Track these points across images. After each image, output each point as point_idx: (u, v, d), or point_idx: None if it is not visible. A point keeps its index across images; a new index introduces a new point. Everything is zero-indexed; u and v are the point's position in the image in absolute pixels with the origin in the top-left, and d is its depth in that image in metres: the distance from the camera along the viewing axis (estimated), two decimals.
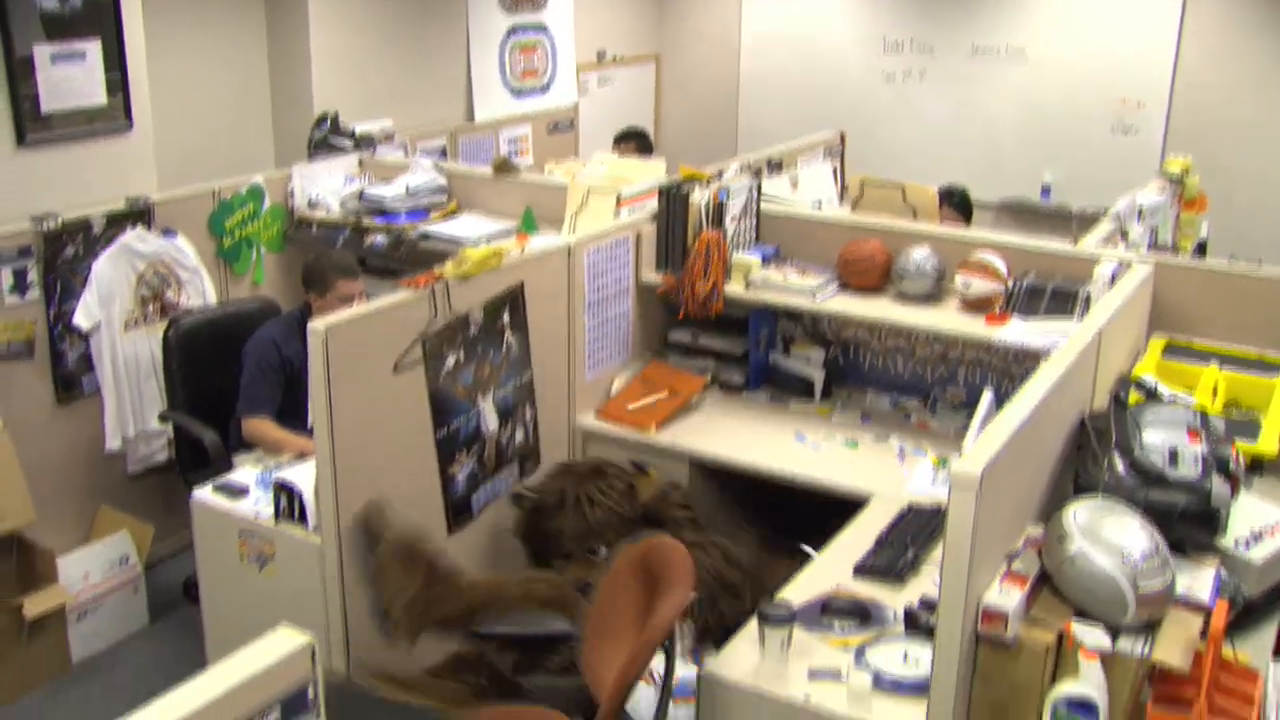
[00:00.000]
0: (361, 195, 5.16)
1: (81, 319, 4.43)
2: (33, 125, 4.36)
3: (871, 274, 4.23)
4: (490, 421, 3.74)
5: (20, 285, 4.27)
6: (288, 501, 3.43)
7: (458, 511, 3.67)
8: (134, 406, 4.64)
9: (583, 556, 3.66)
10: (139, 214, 4.60)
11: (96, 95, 4.56)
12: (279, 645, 1.66)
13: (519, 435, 3.89)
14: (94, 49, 4.52)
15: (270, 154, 6.15)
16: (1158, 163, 6.25)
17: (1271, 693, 2.57)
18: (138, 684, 4.12)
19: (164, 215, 4.69)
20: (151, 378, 4.66)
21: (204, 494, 3.66)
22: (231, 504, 3.59)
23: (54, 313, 4.39)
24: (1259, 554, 2.86)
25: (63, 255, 4.37)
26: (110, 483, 4.68)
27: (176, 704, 1.53)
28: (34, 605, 4.00)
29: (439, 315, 3.46)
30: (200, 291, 4.80)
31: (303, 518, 3.41)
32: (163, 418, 4.57)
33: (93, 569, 4.34)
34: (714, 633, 3.52)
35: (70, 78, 4.45)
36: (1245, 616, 2.83)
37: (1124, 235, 4.59)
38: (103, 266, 4.47)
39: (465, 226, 5.02)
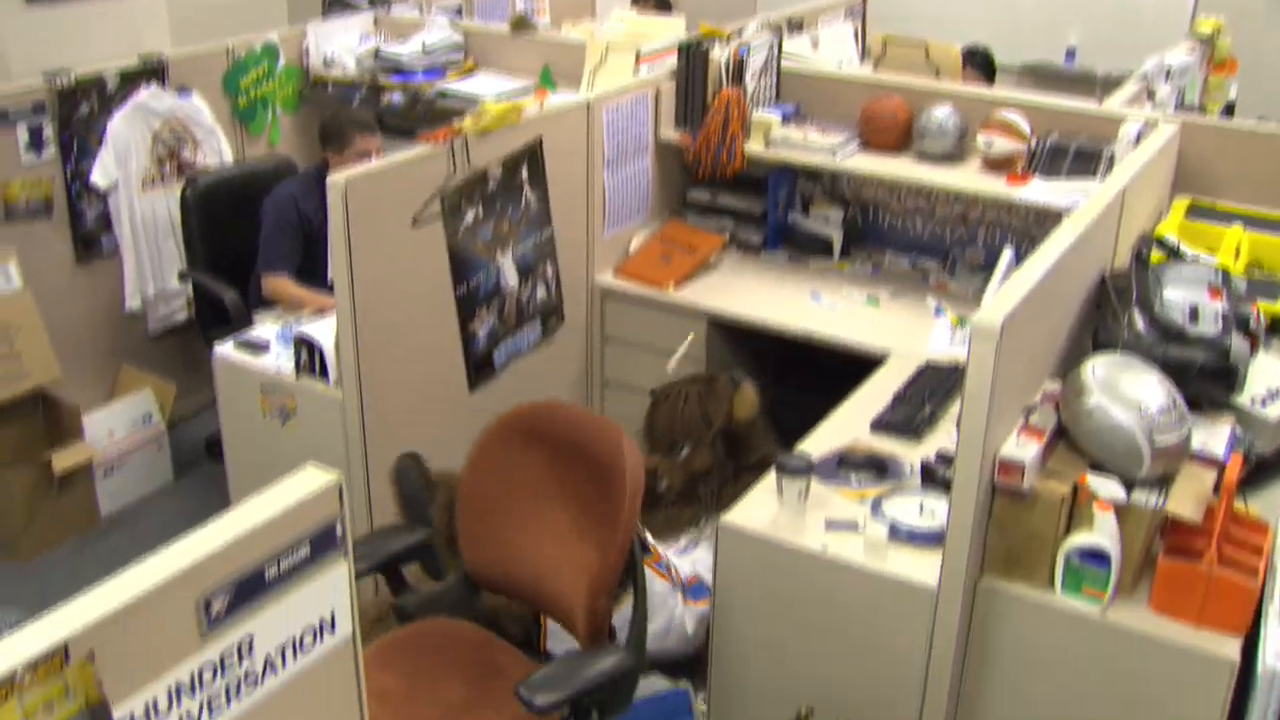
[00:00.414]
0: (377, 54, 5.09)
1: (98, 178, 4.42)
2: None
3: (893, 131, 4.18)
4: (510, 278, 3.74)
5: (36, 143, 4.25)
6: (308, 356, 3.46)
7: (479, 368, 3.69)
8: (153, 266, 4.65)
9: (665, 451, 3.75)
10: (153, 71, 4.55)
11: None
12: (307, 483, 1.68)
13: (540, 292, 3.90)
14: None
15: (284, 12, 6.05)
16: (1187, 25, 6.11)
17: None
18: (164, 537, 4.17)
19: (178, 73, 4.64)
20: (170, 237, 4.66)
21: (225, 350, 3.69)
22: (253, 359, 3.62)
23: (71, 171, 4.38)
24: (1275, 412, 2.87)
25: (78, 113, 4.34)
26: (131, 342, 4.72)
27: (207, 539, 1.56)
28: (62, 460, 4.07)
29: (458, 170, 3.44)
30: (217, 151, 4.77)
31: (324, 372, 3.44)
32: (182, 277, 4.59)
33: (117, 427, 4.39)
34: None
35: None
36: (1258, 473, 2.85)
37: (1150, 96, 4.51)
38: (118, 125, 4.44)
39: (482, 85, 4.96)
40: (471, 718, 2.65)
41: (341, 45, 5.20)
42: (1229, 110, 5.20)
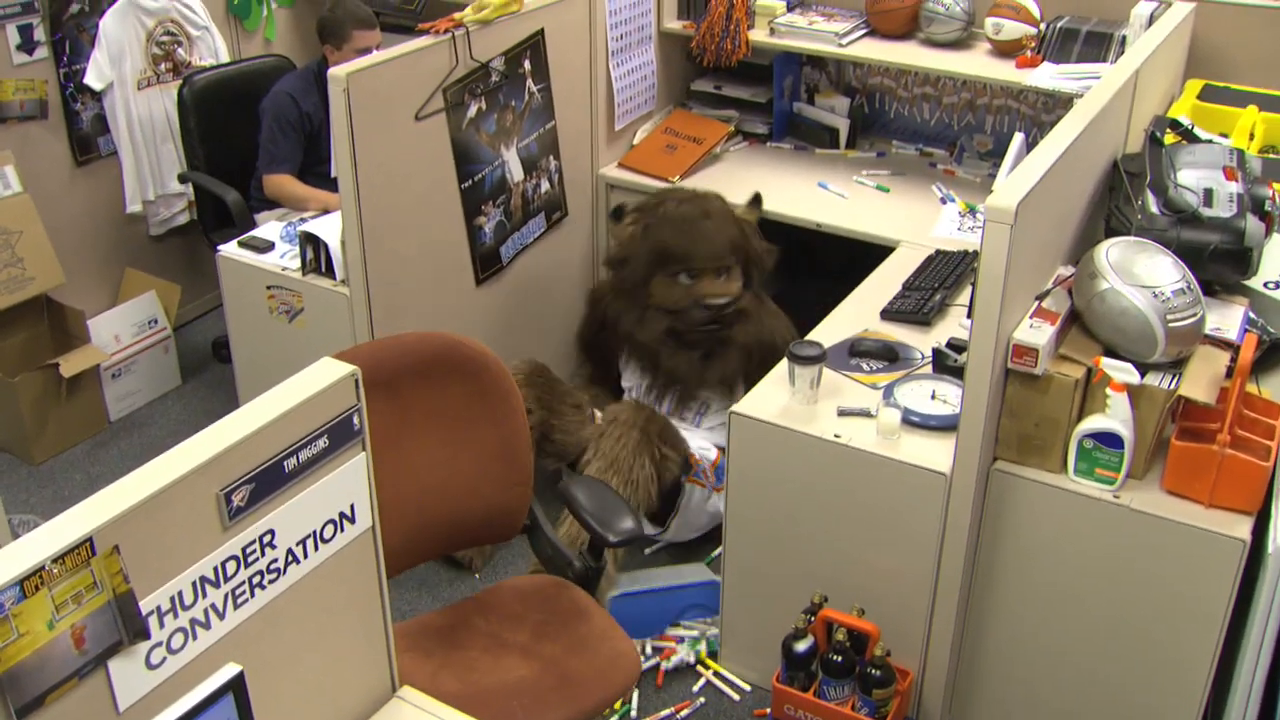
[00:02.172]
0: None
1: (93, 78, 4.35)
2: None
3: (899, 16, 4.10)
4: (515, 171, 3.71)
5: (27, 43, 4.18)
6: (314, 253, 3.44)
7: (486, 263, 3.67)
8: (152, 168, 4.60)
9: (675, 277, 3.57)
10: None
11: None
12: (324, 374, 1.67)
13: (544, 185, 3.86)
14: None
15: None
16: None
17: None
18: (175, 438, 4.17)
19: None
20: (168, 139, 4.61)
21: (230, 249, 3.66)
22: (258, 258, 3.60)
23: (64, 72, 4.30)
24: None
25: (68, 11, 4.26)
26: (134, 245, 4.69)
27: (225, 433, 1.55)
28: (70, 365, 4.06)
29: (459, 63, 3.39)
30: (212, 49, 4.69)
31: (330, 269, 3.42)
32: (182, 178, 4.54)
33: (122, 331, 4.38)
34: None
35: None
36: (1271, 355, 2.84)
37: None
38: (110, 23, 4.35)
39: None
40: None
41: None
42: None
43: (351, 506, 1.75)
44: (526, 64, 3.66)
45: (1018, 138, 3.18)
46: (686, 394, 3.66)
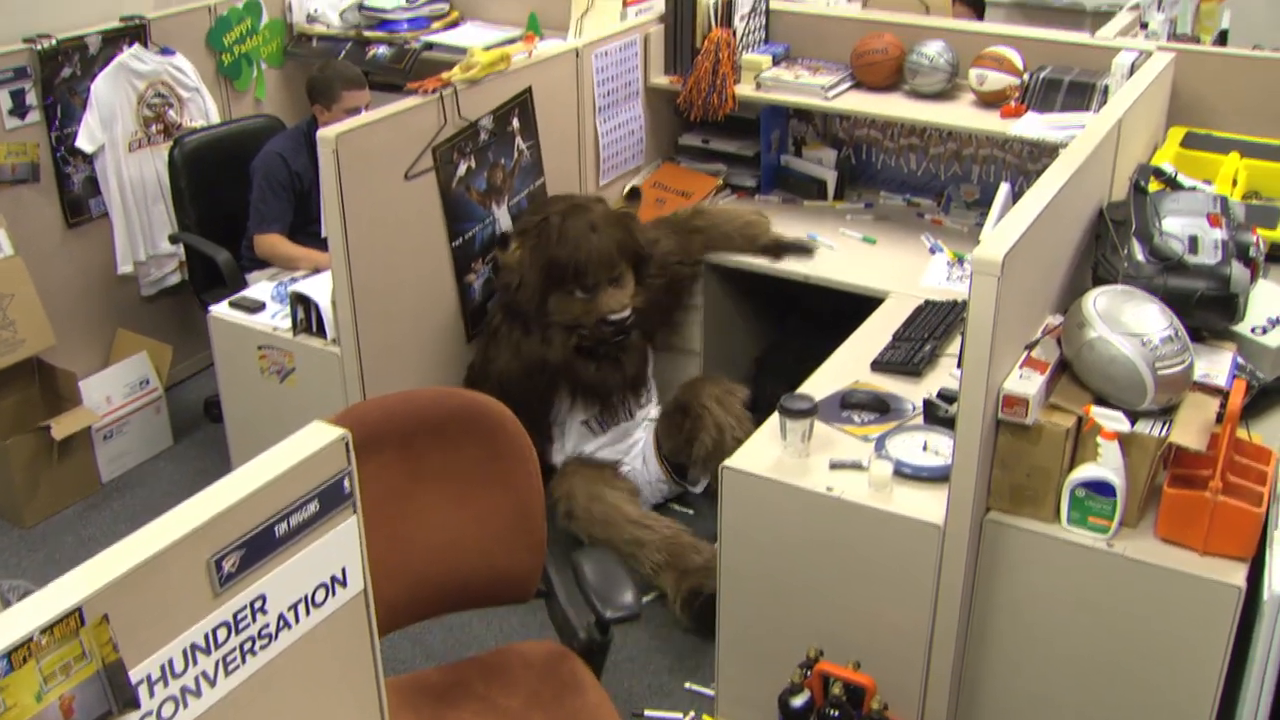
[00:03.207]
0: (361, 6, 5.04)
1: (84, 141, 4.38)
2: None
3: (885, 67, 4.14)
4: (505, 228, 3.72)
5: (19, 107, 4.20)
6: (305, 312, 3.44)
7: (477, 319, 3.68)
8: (143, 229, 4.62)
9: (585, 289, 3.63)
10: (135, 32, 4.49)
11: None
12: (314, 438, 1.67)
13: None
14: None
15: None
16: None
17: None
18: (167, 499, 4.19)
19: (160, 33, 4.58)
20: (159, 200, 4.63)
21: (221, 310, 3.67)
22: (249, 318, 3.61)
23: (56, 135, 4.33)
24: (1275, 339, 2.87)
25: (60, 76, 4.29)
26: (126, 305, 4.70)
27: (216, 498, 1.55)
28: (61, 427, 4.05)
29: (448, 122, 3.41)
30: (203, 110, 4.72)
31: (321, 329, 3.42)
32: (173, 239, 4.56)
33: (113, 392, 4.38)
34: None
35: None
36: (1261, 400, 2.85)
37: (1143, 26, 4.48)
38: (101, 87, 4.39)
39: (468, 35, 4.91)
40: None
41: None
42: (1222, 38, 5.17)
43: (343, 570, 1.74)
44: (515, 121, 3.69)
45: (1004, 188, 3.20)
46: (611, 402, 3.74)
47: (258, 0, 4.98)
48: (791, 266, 3.90)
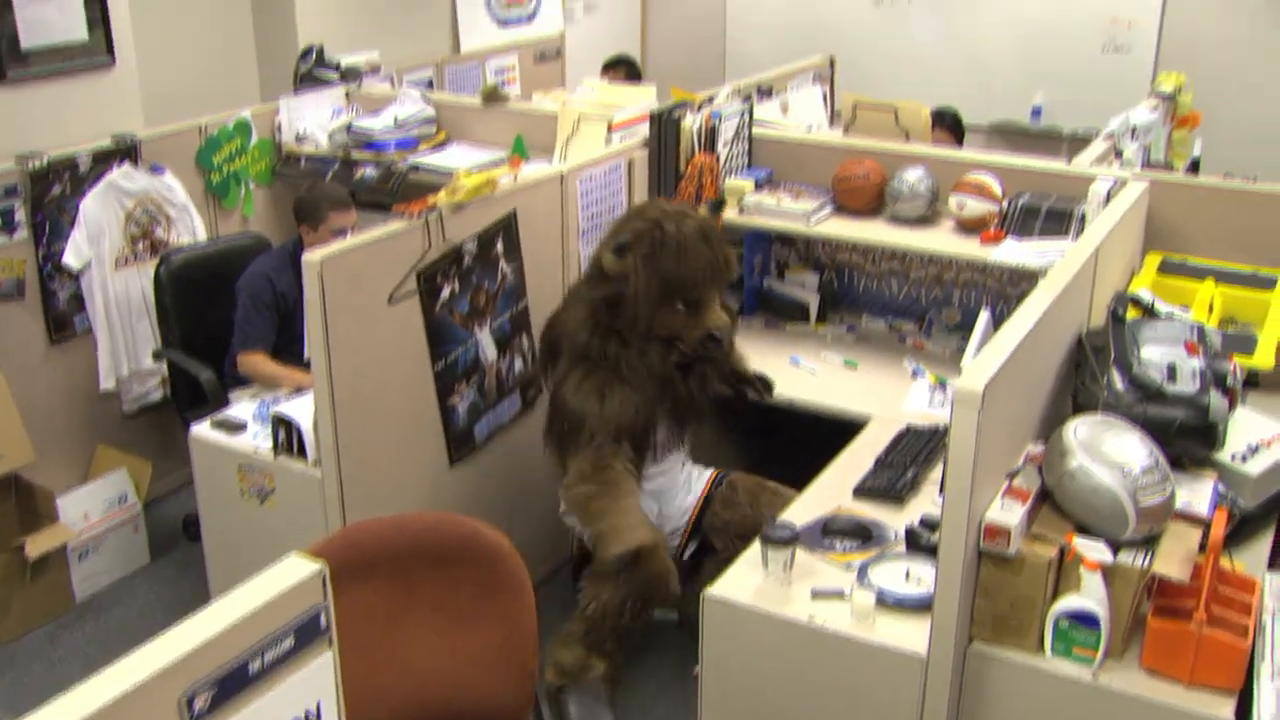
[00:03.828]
0: (349, 128, 5.11)
1: (71, 258, 4.40)
2: (13, 63, 4.29)
3: (866, 193, 4.20)
4: (489, 351, 3.74)
5: (8, 224, 4.23)
6: (286, 434, 3.43)
7: (460, 443, 3.67)
8: (127, 346, 4.62)
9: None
10: (125, 151, 4.55)
11: (77, 31, 4.49)
12: (290, 573, 1.65)
13: (518, 364, 3.89)
14: None
15: (255, 88, 6.08)
16: (1149, 83, 6.20)
17: (1269, 601, 2.59)
18: (141, 621, 4.15)
19: (150, 152, 4.64)
20: (144, 317, 4.64)
21: (202, 429, 3.66)
22: (230, 439, 3.59)
23: (43, 252, 4.35)
24: (1256, 466, 2.88)
25: (50, 194, 4.33)
26: (107, 421, 4.68)
27: (188, 634, 1.53)
28: (36, 545, 4.01)
29: (433, 245, 3.44)
30: (190, 228, 4.76)
31: (302, 451, 3.41)
32: (157, 356, 4.56)
33: (91, 508, 4.34)
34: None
35: (48, 15, 4.38)
36: (1242, 528, 2.85)
37: (1118, 154, 4.57)
38: (90, 205, 4.42)
39: (455, 157, 4.98)
40: None
41: (313, 120, 5.22)
42: (1194, 166, 5.27)
43: (318, 705, 1.71)
44: (499, 245, 3.72)
45: (984, 315, 3.23)
46: (690, 426, 3.56)
47: (247, 120, 5.06)
48: (775, 390, 3.90)
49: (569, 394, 3.37)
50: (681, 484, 3.66)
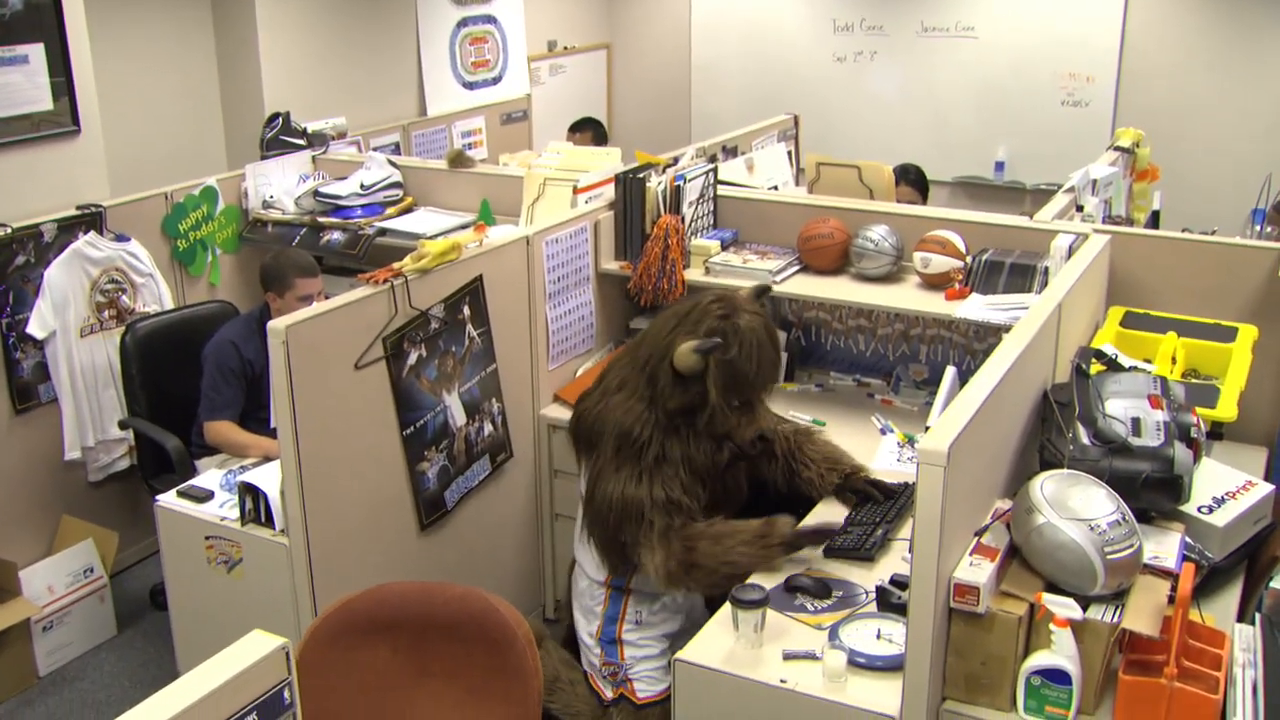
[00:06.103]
0: (316, 193, 5.12)
1: (36, 328, 4.38)
2: None
3: (831, 251, 4.23)
4: (457, 416, 3.73)
5: None
6: (254, 503, 3.41)
7: (430, 509, 3.65)
8: (93, 415, 4.59)
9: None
10: (90, 220, 4.54)
11: (42, 100, 4.50)
12: (253, 649, 1.64)
13: (487, 428, 3.88)
14: (37, 52, 4.45)
15: (222, 155, 6.10)
16: (1108, 136, 6.29)
17: (1238, 654, 2.59)
18: (107, 694, 4.08)
19: (116, 220, 4.64)
20: (110, 385, 4.62)
21: (168, 499, 3.63)
22: (197, 508, 3.56)
23: (7, 322, 4.33)
24: (1222, 518, 2.89)
25: (14, 263, 4.32)
26: (72, 491, 4.63)
27: (151, 712, 1.51)
28: None
29: (399, 311, 3.44)
30: (156, 296, 4.75)
31: (269, 519, 3.39)
32: (123, 424, 4.53)
33: (56, 581, 4.29)
34: None
35: (13, 83, 4.39)
36: (1210, 580, 2.86)
37: (1079, 209, 4.62)
38: (55, 274, 4.41)
39: (422, 221, 5.00)
40: None
41: (280, 186, 5.23)
42: (1154, 219, 5.33)
43: None
44: (466, 310, 3.72)
45: (950, 372, 3.25)
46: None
47: (214, 187, 5.07)
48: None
49: (620, 486, 3.24)
50: None
